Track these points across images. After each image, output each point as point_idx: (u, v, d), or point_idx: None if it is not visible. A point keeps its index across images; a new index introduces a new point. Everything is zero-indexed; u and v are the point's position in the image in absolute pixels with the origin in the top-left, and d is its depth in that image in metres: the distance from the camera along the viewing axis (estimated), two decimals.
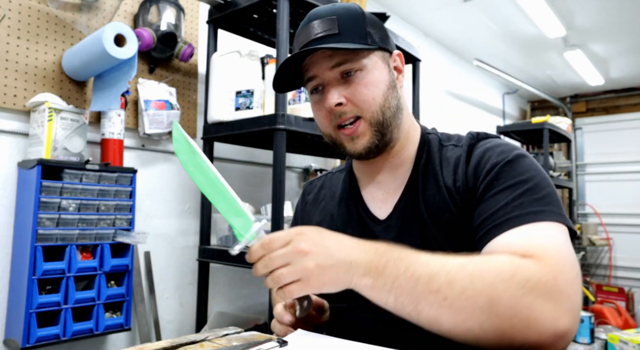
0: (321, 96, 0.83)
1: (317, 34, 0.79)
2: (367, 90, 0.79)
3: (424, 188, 0.81)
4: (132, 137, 1.88)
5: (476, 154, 0.79)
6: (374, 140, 0.81)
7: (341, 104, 0.79)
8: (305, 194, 1.04)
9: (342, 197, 0.93)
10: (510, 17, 3.44)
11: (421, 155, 0.85)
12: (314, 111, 0.87)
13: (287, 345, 0.63)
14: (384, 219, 0.84)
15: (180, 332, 2.03)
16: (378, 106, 0.80)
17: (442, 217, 0.77)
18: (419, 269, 0.61)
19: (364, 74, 0.80)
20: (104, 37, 1.48)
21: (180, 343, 0.64)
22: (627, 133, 5.31)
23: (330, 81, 0.80)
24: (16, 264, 1.51)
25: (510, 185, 0.71)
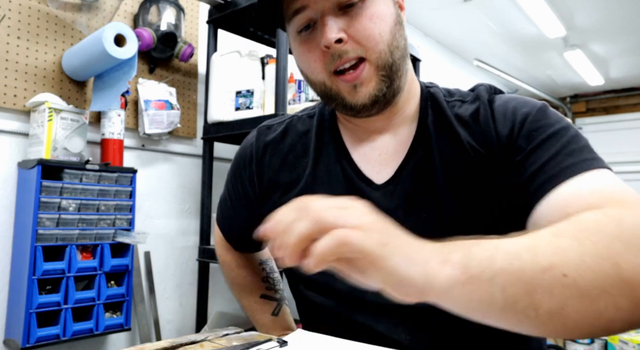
0: (312, 33, 0.66)
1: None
2: (373, 24, 0.64)
3: (439, 148, 0.68)
4: (132, 137, 1.88)
5: (499, 106, 0.67)
6: (382, 87, 0.65)
7: (341, 41, 0.63)
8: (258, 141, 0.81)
9: (320, 154, 0.75)
10: (510, 17, 3.44)
11: (426, 111, 0.71)
12: (300, 54, 0.68)
13: (287, 345, 0.63)
14: (382, 183, 0.70)
15: (180, 332, 2.03)
16: (386, 44, 0.64)
17: (465, 180, 0.65)
18: (511, 244, 0.43)
19: (368, 4, 0.64)
20: (104, 37, 1.48)
21: (180, 343, 0.64)
22: (627, 133, 5.31)
23: (327, 12, 0.63)
24: (16, 264, 1.51)
25: (553, 133, 0.61)
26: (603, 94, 5.51)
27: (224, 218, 0.91)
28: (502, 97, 0.70)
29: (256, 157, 0.80)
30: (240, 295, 0.93)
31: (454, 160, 0.66)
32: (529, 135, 0.62)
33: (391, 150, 0.71)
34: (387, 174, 0.70)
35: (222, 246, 0.93)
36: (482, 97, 0.70)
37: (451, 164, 0.66)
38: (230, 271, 0.93)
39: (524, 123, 0.64)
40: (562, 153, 0.58)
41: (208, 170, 1.90)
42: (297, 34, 0.67)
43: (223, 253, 0.93)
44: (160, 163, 2.00)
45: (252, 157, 0.80)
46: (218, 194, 2.08)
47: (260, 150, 0.80)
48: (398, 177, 0.69)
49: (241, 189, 0.83)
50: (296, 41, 0.68)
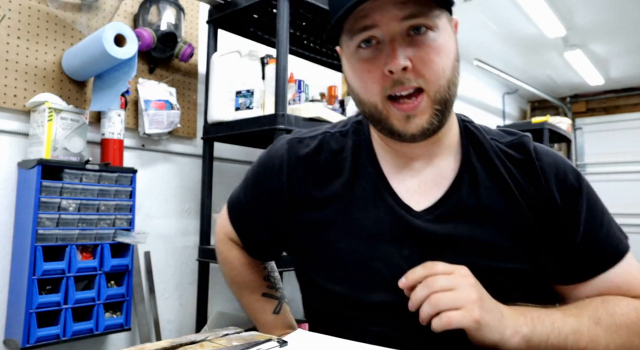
0: (374, 53, 0.64)
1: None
2: (439, 57, 0.63)
3: (486, 184, 0.69)
4: (132, 137, 1.88)
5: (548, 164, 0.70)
6: (434, 121, 0.65)
7: (405, 69, 0.62)
8: (290, 153, 0.78)
9: (356, 175, 0.73)
10: (510, 17, 3.44)
11: (467, 146, 0.72)
12: (357, 72, 0.66)
13: (287, 345, 0.63)
14: (421, 210, 0.69)
15: (180, 332, 2.03)
16: (446, 79, 0.64)
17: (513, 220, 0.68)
18: (563, 325, 0.62)
19: (436, 35, 0.63)
20: (104, 37, 1.48)
21: (180, 343, 0.64)
22: (627, 133, 5.31)
23: (396, 36, 0.62)
24: (16, 264, 1.51)
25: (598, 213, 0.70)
26: (603, 94, 5.51)
27: (239, 220, 0.88)
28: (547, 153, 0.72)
29: (287, 170, 0.77)
30: (240, 294, 0.91)
31: (500, 199, 0.69)
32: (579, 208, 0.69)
33: (430, 181, 0.71)
34: (425, 204, 0.70)
35: (225, 243, 0.90)
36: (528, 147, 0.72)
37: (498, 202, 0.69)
38: (232, 269, 0.90)
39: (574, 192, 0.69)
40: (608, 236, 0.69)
41: (208, 170, 1.90)
42: (357, 49, 0.65)
43: (226, 250, 0.90)
44: (160, 163, 2.00)
45: (281, 168, 0.78)
46: (218, 194, 2.08)
47: (292, 163, 0.77)
48: (440, 207, 0.69)
49: (265, 198, 0.80)
50: (355, 58, 0.66)
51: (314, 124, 1.69)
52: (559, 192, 0.68)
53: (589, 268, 0.69)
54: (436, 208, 0.69)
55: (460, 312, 0.58)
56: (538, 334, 0.61)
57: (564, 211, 0.68)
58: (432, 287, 0.59)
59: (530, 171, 0.69)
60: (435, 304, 0.58)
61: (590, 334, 0.62)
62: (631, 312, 0.65)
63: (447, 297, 0.58)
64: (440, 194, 0.70)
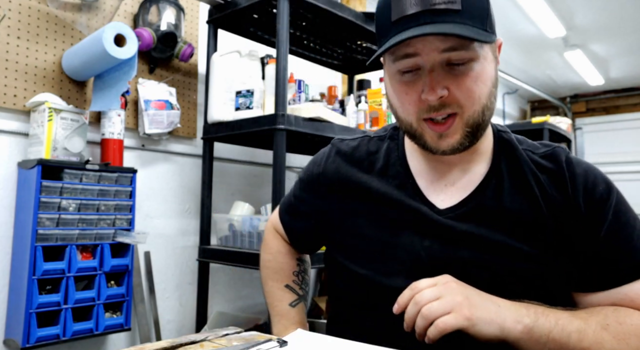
0: (413, 78, 0.68)
1: (435, 4, 0.64)
2: (476, 85, 0.67)
3: (511, 189, 0.73)
4: (132, 137, 1.88)
5: (578, 174, 0.73)
6: (464, 142, 0.70)
7: (442, 97, 0.66)
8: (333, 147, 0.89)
9: (384, 172, 0.80)
10: (510, 17, 3.44)
11: (499, 154, 0.77)
12: (397, 92, 0.71)
13: (287, 345, 0.63)
14: (444, 208, 0.74)
15: (180, 332, 2.03)
16: (481, 106, 0.68)
17: (529, 222, 0.71)
18: (567, 324, 0.63)
19: (474, 65, 0.67)
20: (104, 37, 1.48)
21: (180, 343, 0.64)
22: (627, 133, 5.31)
23: (436, 67, 0.66)
24: (16, 264, 1.51)
25: (625, 225, 0.71)
26: (603, 94, 5.51)
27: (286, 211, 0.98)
28: (580, 164, 0.75)
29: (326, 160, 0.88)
30: (267, 278, 0.98)
31: (523, 204, 0.72)
32: (605, 219, 0.70)
33: (457, 183, 0.76)
34: (450, 203, 0.75)
35: (271, 232, 1.01)
36: (560, 158, 0.75)
37: (520, 207, 0.72)
38: (268, 254, 0.99)
39: (602, 202, 0.71)
40: (633, 250, 0.70)
41: (208, 170, 1.90)
42: (399, 73, 0.70)
43: (270, 238, 1.00)
44: (160, 163, 2.00)
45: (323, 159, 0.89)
46: (218, 194, 2.08)
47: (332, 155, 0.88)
48: (464, 206, 0.74)
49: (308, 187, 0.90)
50: (395, 79, 0.71)
51: (314, 124, 1.69)
52: (585, 201, 0.71)
53: (607, 279, 0.70)
54: (459, 207, 0.74)
55: (451, 314, 0.60)
56: (540, 326, 0.62)
57: (587, 220, 0.70)
58: (419, 303, 0.62)
59: (559, 180, 0.73)
60: (426, 316, 0.61)
61: (596, 336, 0.63)
62: (638, 322, 0.65)
63: (435, 306, 0.61)
64: (465, 195, 0.75)
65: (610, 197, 0.71)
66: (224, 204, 2.15)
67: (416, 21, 0.65)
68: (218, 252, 1.81)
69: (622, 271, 0.69)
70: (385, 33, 0.69)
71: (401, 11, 0.66)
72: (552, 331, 0.62)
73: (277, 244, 0.99)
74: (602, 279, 0.70)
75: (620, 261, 0.69)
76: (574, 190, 0.71)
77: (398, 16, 0.66)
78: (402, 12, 0.66)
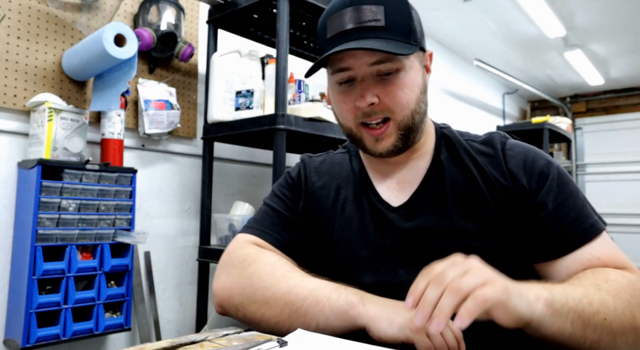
0: (349, 88, 0.78)
1: (362, 22, 0.73)
2: (403, 93, 0.75)
3: (451, 177, 0.80)
4: (132, 137, 1.88)
5: (516, 153, 0.79)
6: (398, 144, 0.78)
7: (373, 104, 0.75)
8: (304, 162, 0.95)
9: (348, 180, 0.88)
10: (510, 17, 3.44)
11: (440, 148, 0.84)
12: (336, 101, 0.81)
13: (287, 345, 0.63)
14: (397, 206, 0.81)
15: (180, 332, 2.03)
16: (410, 110, 0.76)
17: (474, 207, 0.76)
18: (572, 291, 0.61)
19: (402, 75, 0.76)
20: (104, 37, 1.48)
21: (180, 343, 0.64)
22: (627, 133, 5.31)
23: (366, 78, 0.75)
24: (16, 264, 1.51)
25: (570, 194, 0.75)
26: (603, 94, 5.51)
27: (267, 227, 0.87)
28: (517, 144, 0.81)
29: (305, 179, 0.92)
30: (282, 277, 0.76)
31: (463, 188, 0.78)
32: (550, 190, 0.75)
33: (407, 180, 0.83)
34: (402, 199, 0.82)
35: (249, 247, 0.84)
36: (496, 141, 0.82)
37: (461, 194, 0.78)
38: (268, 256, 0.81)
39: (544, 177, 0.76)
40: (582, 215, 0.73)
41: (208, 170, 1.90)
42: (337, 84, 0.79)
43: (254, 252, 0.82)
44: (160, 163, 2.00)
45: (298, 170, 0.94)
46: (218, 194, 2.08)
47: (305, 167, 0.93)
48: (412, 201, 0.81)
49: (295, 206, 0.90)
50: (334, 89, 0.81)
51: (314, 124, 1.69)
52: (528, 178, 0.76)
53: (568, 242, 0.72)
54: (408, 204, 0.81)
55: (489, 287, 0.53)
56: (557, 296, 0.59)
57: (533, 194, 0.75)
58: (443, 282, 0.53)
59: (496, 162, 0.79)
60: (457, 290, 0.52)
61: (598, 297, 0.62)
62: (622, 279, 0.66)
63: (467, 280, 0.53)
64: (412, 191, 0.82)
65: (552, 171, 0.76)
66: (224, 204, 2.15)
67: (346, 37, 0.74)
68: (218, 252, 1.80)
69: (580, 232, 0.72)
70: (323, 49, 0.78)
71: (334, 29, 0.76)
72: (568, 300, 0.59)
73: (268, 252, 0.82)
74: (563, 243, 0.73)
75: (575, 224, 0.73)
76: (511, 167, 0.77)
77: (332, 34, 0.76)
78: (335, 30, 0.76)
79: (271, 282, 0.73)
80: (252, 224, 0.89)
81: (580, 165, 5.60)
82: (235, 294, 0.76)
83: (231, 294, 0.77)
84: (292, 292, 0.71)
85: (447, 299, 0.52)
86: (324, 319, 0.67)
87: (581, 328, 0.59)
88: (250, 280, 0.75)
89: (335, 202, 0.86)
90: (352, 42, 0.73)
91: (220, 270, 0.82)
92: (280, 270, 0.75)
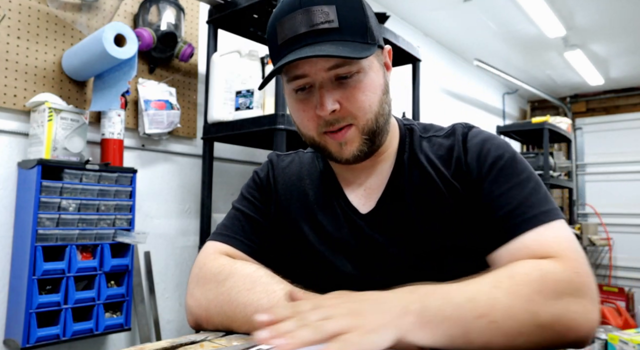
0: (307, 95, 0.73)
1: (314, 25, 0.68)
2: (365, 96, 0.71)
3: (410, 180, 0.78)
4: (132, 137, 1.88)
5: (474, 144, 0.77)
6: (364, 148, 0.74)
7: (334, 111, 0.71)
8: (272, 162, 0.92)
9: (318, 183, 0.85)
10: (510, 17, 3.44)
11: (403, 149, 0.82)
12: (295, 109, 0.76)
13: None
14: (366, 213, 0.80)
15: (180, 332, 2.03)
16: (373, 114, 0.73)
17: (434, 207, 0.75)
18: (457, 296, 0.58)
19: (361, 77, 0.71)
20: (104, 37, 1.48)
21: (180, 343, 0.64)
22: (627, 133, 5.31)
23: (325, 84, 0.71)
24: (16, 264, 1.51)
25: (518, 183, 0.72)
26: (603, 94, 5.51)
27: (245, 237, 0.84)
28: (478, 135, 0.78)
29: (273, 181, 0.89)
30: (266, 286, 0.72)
31: (422, 192, 0.77)
32: (496, 179, 0.73)
33: (374, 185, 0.81)
34: (369, 206, 0.80)
35: (220, 258, 0.80)
36: (457, 132, 0.79)
37: (420, 195, 0.77)
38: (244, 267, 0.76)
39: (493, 165, 0.74)
40: (525, 204, 0.70)
41: (208, 170, 1.90)
42: (293, 91, 0.74)
43: (227, 263, 0.78)
44: (160, 163, 2.00)
45: (269, 181, 0.90)
46: (218, 194, 2.08)
47: (277, 175, 0.90)
48: (379, 208, 0.79)
49: (265, 209, 0.87)
50: (292, 98, 0.76)
51: None
52: (477, 166, 0.75)
53: (502, 233, 0.70)
54: (375, 211, 0.79)
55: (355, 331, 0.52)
56: (430, 307, 0.57)
57: (477, 182, 0.74)
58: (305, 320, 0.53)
59: (456, 153, 0.77)
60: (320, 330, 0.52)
61: (488, 298, 0.58)
62: (533, 271, 0.62)
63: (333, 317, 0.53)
64: (378, 197, 0.80)
65: (502, 160, 0.74)
66: (223, 204, 2.15)
67: (299, 43, 0.69)
68: None
69: (515, 223, 0.69)
70: (275, 55, 0.73)
71: (285, 34, 0.70)
72: (444, 309, 0.57)
73: (242, 262, 0.78)
74: (498, 234, 0.70)
75: (512, 215, 0.70)
76: (469, 163, 0.75)
77: (283, 39, 0.70)
78: (286, 35, 0.70)
79: (252, 298, 0.69)
80: (221, 230, 0.85)
81: (580, 165, 5.60)
82: (214, 313, 0.72)
83: (209, 314, 0.73)
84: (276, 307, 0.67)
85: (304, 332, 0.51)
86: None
87: (462, 334, 0.57)
88: (228, 296, 0.71)
89: (306, 205, 0.84)
90: (306, 48, 0.68)
91: (194, 285, 0.77)
92: (260, 284, 0.71)
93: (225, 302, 0.71)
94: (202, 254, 0.81)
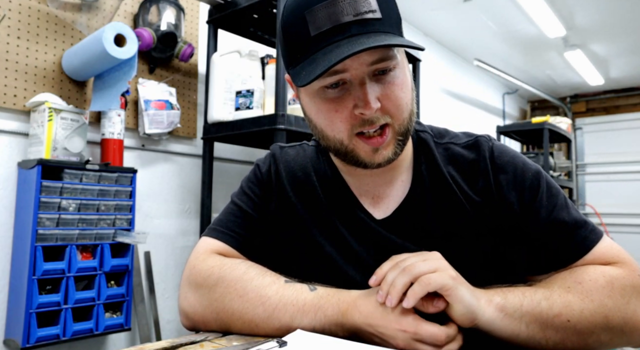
0: (341, 93, 0.65)
1: (360, 14, 0.61)
2: (403, 93, 0.66)
3: (433, 195, 0.75)
4: (132, 137, 1.88)
5: (505, 164, 0.74)
6: (397, 151, 0.69)
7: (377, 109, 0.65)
8: (274, 156, 0.85)
9: (324, 180, 0.80)
10: (510, 17, 3.44)
11: (419, 156, 0.77)
12: (324, 110, 0.67)
13: (286, 345, 0.63)
14: (381, 219, 0.76)
15: (180, 332, 2.03)
16: (408, 113, 0.68)
17: (454, 222, 0.73)
18: (533, 293, 0.63)
19: (398, 72, 0.66)
20: (104, 37, 1.48)
21: (180, 343, 0.64)
22: (627, 133, 5.31)
23: (366, 80, 0.64)
24: (16, 264, 1.51)
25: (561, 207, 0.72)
26: (603, 94, 5.51)
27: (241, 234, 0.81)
28: (504, 153, 0.75)
29: (276, 176, 0.83)
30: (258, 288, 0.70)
31: (445, 206, 0.74)
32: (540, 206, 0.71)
33: (387, 193, 0.77)
34: (384, 213, 0.76)
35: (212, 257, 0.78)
36: (483, 147, 0.76)
37: (442, 210, 0.74)
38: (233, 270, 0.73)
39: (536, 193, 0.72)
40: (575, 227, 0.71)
41: (208, 170, 1.90)
42: (323, 89, 0.66)
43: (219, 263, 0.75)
44: (160, 163, 2.00)
45: (270, 176, 0.84)
46: (218, 194, 2.08)
47: (281, 170, 0.83)
48: (396, 215, 0.75)
49: (266, 205, 0.82)
50: (319, 96, 0.67)
51: None
52: (517, 192, 0.72)
53: (556, 260, 0.71)
54: (392, 219, 0.75)
55: (437, 273, 0.59)
56: (511, 301, 0.61)
57: (523, 210, 0.72)
58: (401, 265, 0.61)
59: (481, 169, 0.74)
60: (409, 271, 0.59)
61: (563, 300, 0.62)
62: (599, 278, 0.65)
63: (421, 265, 0.60)
64: (395, 207, 0.76)
65: (541, 184, 0.73)
66: (223, 204, 2.13)
67: (342, 34, 0.62)
68: None
69: (568, 252, 0.70)
70: (305, 48, 0.64)
71: (319, 25, 0.62)
72: (523, 304, 0.61)
73: (235, 260, 0.76)
74: (552, 261, 0.71)
75: (565, 243, 0.70)
76: (501, 183, 0.73)
77: (318, 30, 0.62)
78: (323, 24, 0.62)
79: (247, 306, 0.67)
80: (216, 225, 0.82)
81: (580, 165, 5.60)
82: (211, 319, 0.71)
83: (206, 320, 0.72)
84: (274, 317, 0.67)
85: (400, 278, 0.59)
86: (321, 329, 0.66)
87: (540, 330, 0.61)
88: (222, 304, 0.69)
89: (318, 210, 0.78)
90: (353, 39, 0.61)
91: (186, 289, 0.75)
92: (252, 289, 0.68)
93: (220, 309, 0.70)
94: (194, 254, 0.79)
